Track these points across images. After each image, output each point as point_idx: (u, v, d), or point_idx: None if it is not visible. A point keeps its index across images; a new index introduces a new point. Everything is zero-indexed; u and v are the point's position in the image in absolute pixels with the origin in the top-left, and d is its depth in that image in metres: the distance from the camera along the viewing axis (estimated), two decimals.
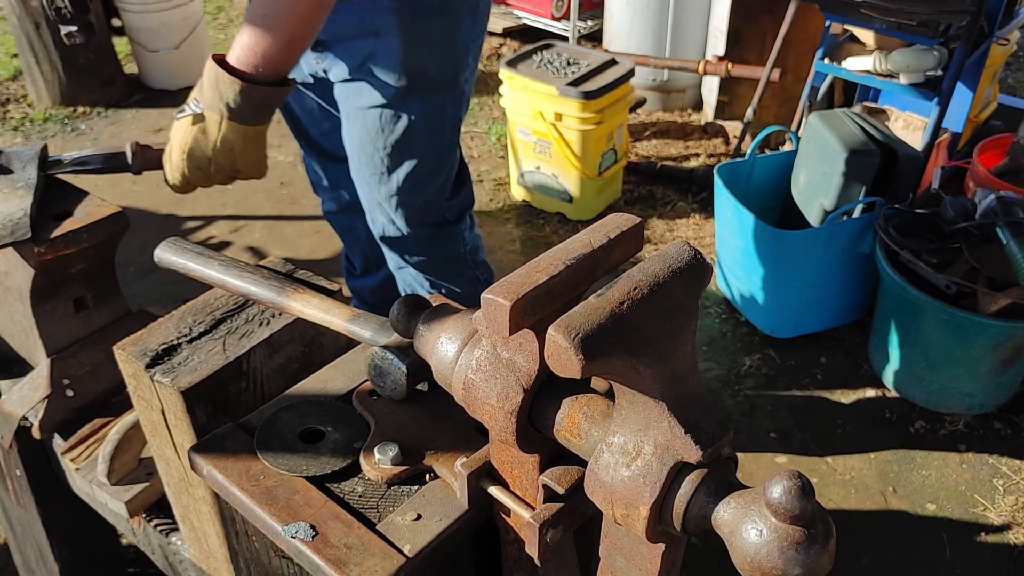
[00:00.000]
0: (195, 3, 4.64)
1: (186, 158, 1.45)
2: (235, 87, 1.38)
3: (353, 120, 1.83)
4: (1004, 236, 2.48)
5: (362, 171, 1.89)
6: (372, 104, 1.77)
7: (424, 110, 1.79)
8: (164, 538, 1.40)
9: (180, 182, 1.50)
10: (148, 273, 3.33)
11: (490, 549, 0.95)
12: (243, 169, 1.49)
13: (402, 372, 0.94)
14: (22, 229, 1.35)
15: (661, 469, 0.68)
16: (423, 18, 1.69)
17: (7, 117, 4.55)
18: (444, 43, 1.75)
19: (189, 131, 1.44)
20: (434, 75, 1.76)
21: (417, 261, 2.00)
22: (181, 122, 1.45)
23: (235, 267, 1.12)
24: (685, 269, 0.71)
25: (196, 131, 1.43)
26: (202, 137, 1.43)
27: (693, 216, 3.67)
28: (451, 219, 1.99)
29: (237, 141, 1.43)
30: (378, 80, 1.74)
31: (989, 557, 2.32)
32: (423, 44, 1.71)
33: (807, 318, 2.96)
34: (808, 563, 0.62)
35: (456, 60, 1.79)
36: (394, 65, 1.71)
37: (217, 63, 1.39)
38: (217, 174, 1.48)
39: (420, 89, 1.76)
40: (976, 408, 2.69)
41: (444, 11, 1.71)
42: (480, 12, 1.81)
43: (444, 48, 1.75)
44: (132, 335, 1.12)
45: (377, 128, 1.80)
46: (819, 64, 3.21)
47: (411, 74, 1.73)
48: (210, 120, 1.42)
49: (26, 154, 1.53)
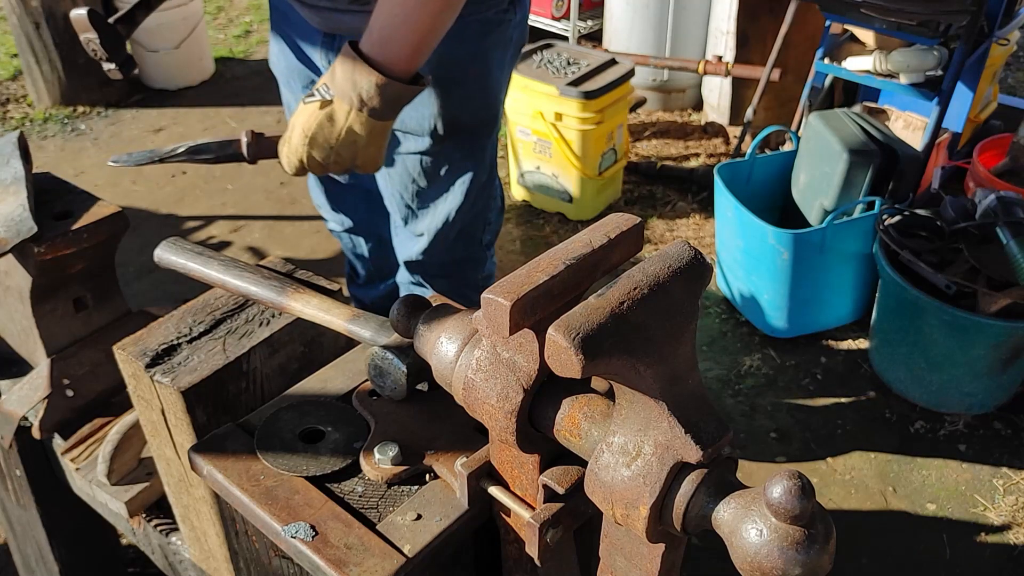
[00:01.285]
0: (195, 3, 4.64)
1: (308, 143, 1.40)
2: (371, 79, 1.33)
3: (390, 164, 1.80)
4: (1004, 236, 2.48)
5: (399, 209, 1.86)
6: (410, 151, 1.74)
7: (463, 154, 1.76)
8: (164, 538, 1.40)
9: (296, 167, 1.45)
10: (148, 273, 3.33)
11: (490, 549, 0.95)
12: (363, 164, 1.43)
13: (402, 372, 0.94)
14: (27, 226, 1.34)
15: (661, 469, 0.68)
16: (457, 68, 1.65)
17: (7, 117, 4.55)
18: (480, 90, 1.71)
19: (315, 116, 1.38)
20: (472, 121, 1.74)
21: (436, 284, 1.96)
22: (308, 106, 1.39)
23: (235, 267, 1.12)
24: (685, 269, 0.71)
25: (323, 117, 1.37)
26: (328, 125, 1.38)
27: (693, 216, 3.67)
28: (484, 245, 1.96)
29: (363, 134, 1.38)
30: (415, 129, 1.71)
31: (989, 557, 2.32)
32: (458, 93, 1.68)
33: (807, 318, 2.96)
34: (808, 563, 0.62)
35: (493, 102, 1.76)
36: (430, 116, 1.68)
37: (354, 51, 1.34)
38: (335, 164, 1.43)
39: (459, 135, 1.73)
40: (976, 408, 2.69)
41: (477, 58, 1.67)
42: (514, 45, 1.77)
43: (481, 94, 1.72)
44: (132, 335, 1.12)
45: (418, 172, 1.77)
46: (819, 64, 3.21)
47: (448, 122, 1.69)
48: (339, 109, 1.36)
49: (5, 147, 1.51)
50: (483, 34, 1.66)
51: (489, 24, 1.65)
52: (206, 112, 4.57)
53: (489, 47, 1.68)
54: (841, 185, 2.82)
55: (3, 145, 1.51)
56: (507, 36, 1.71)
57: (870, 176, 2.80)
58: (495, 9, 1.65)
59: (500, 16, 1.66)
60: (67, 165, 4.11)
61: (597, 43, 4.75)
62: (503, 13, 1.67)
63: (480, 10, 1.61)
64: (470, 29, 1.61)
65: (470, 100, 1.71)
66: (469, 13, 1.53)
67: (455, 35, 1.55)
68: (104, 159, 4.18)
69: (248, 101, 4.67)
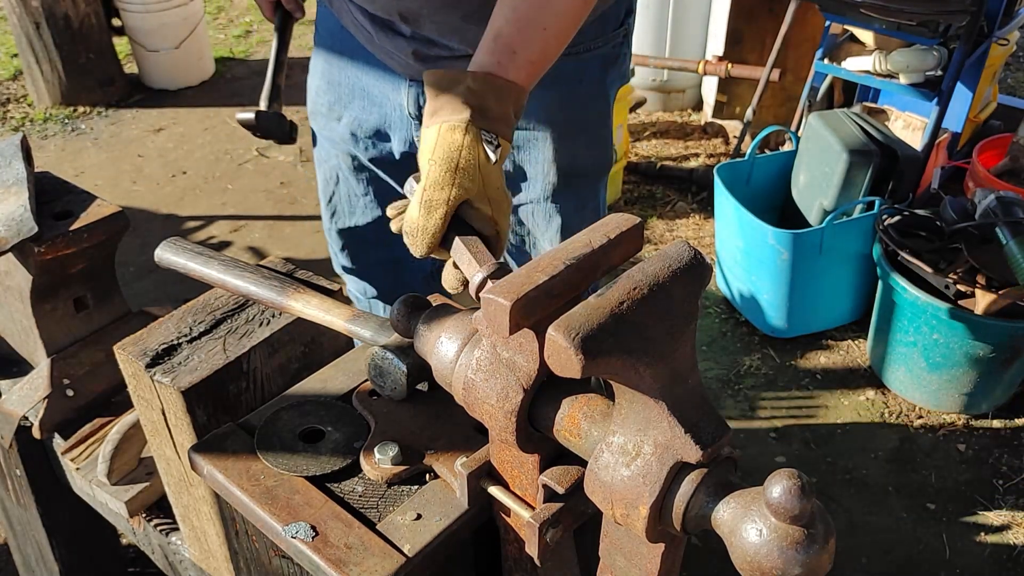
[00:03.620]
0: (195, 3, 4.64)
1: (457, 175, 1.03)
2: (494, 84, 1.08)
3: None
4: (1004, 236, 2.48)
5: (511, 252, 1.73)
6: (522, 202, 1.59)
7: (576, 203, 1.60)
8: (164, 538, 1.40)
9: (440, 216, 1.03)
10: (148, 273, 3.33)
11: (490, 549, 0.95)
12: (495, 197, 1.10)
13: (402, 372, 0.94)
14: (27, 225, 1.34)
15: (661, 469, 0.68)
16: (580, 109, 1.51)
17: (7, 117, 4.55)
18: (599, 132, 1.57)
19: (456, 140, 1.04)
20: (587, 167, 1.59)
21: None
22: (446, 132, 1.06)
23: (235, 267, 1.12)
24: (685, 269, 0.71)
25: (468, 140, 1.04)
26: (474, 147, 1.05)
27: (693, 216, 3.67)
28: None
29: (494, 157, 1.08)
30: (526, 176, 1.56)
31: (989, 557, 2.32)
32: (582, 138, 1.53)
33: (807, 318, 2.96)
34: (808, 563, 0.62)
35: (609, 142, 1.61)
36: (544, 160, 1.53)
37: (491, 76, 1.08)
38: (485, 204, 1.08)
39: (573, 182, 1.57)
40: (976, 408, 2.69)
41: (599, 98, 1.53)
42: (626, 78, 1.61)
43: (599, 136, 1.58)
44: (132, 335, 1.12)
45: (532, 223, 1.61)
46: (819, 64, 3.21)
47: (563, 169, 1.54)
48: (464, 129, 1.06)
49: (7, 149, 1.51)
50: (604, 70, 1.52)
51: (608, 60, 1.52)
52: (206, 112, 4.57)
53: (609, 85, 1.55)
54: (841, 185, 2.82)
55: (6, 147, 1.52)
56: (623, 71, 1.58)
57: (870, 176, 2.80)
58: (613, 43, 1.52)
59: (618, 50, 1.54)
60: (67, 165, 4.11)
61: None
62: (619, 47, 1.54)
63: (599, 45, 1.49)
64: (591, 66, 1.49)
65: (593, 143, 1.57)
66: (588, 49, 1.45)
67: (575, 74, 1.45)
68: (104, 159, 4.18)
69: (248, 101, 4.66)
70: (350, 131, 1.64)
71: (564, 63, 1.37)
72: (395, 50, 1.46)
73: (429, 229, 1.00)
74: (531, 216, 1.62)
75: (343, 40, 1.58)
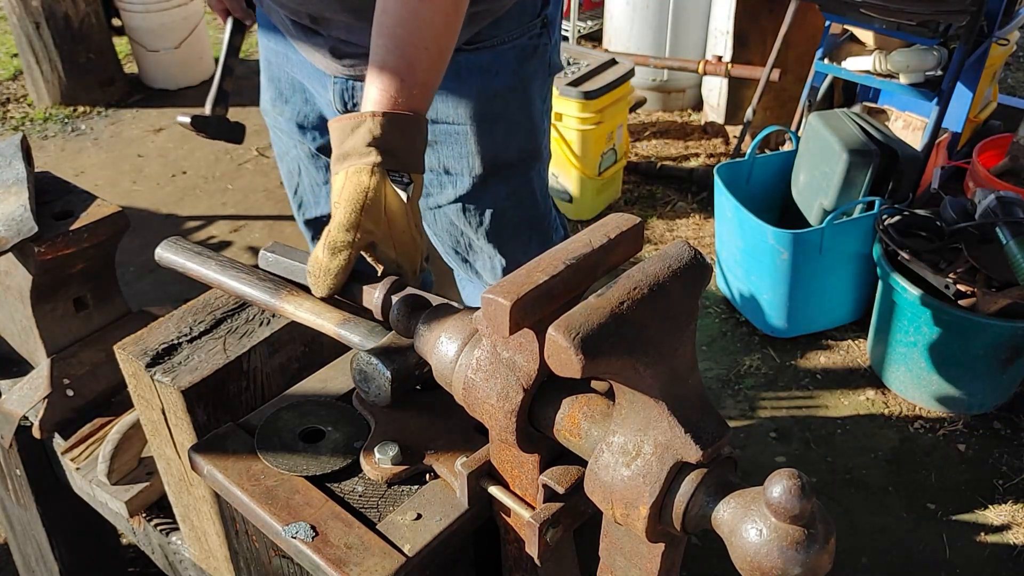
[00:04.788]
0: (195, 3, 4.64)
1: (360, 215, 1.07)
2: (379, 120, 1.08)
3: (432, 220, 1.66)
4: (1004, 236, 2.48)
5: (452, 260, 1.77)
6: (449, 200, 1.61)
7: (507, 192, 1.62)
8: (164, 538, 1.40)
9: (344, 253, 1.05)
10: (148, 273, 3.33)
11: (490, 549, 0.95)
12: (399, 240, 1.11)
13: (386, 378, 0.91)
14: (27, 225, 1.34)
15: (661, 469, 0.68)
16: (497, 101, 1.52)
17: (7, 117, 4.55)
18: (521, 121, 1.57)
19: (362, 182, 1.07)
20: (513, 156, 1.59)
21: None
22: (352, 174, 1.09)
23: (232, 268, 1.12)
24: (685, 269, 0.71)
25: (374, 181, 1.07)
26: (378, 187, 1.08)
27: (693, 216, 3.67)
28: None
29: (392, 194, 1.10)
30: (450, 172, 1.57)
31: (989, 557, 2.32)
32: (501, 128, 1.55)
33: (807, 318, 2.96)
34: (808, 563, 0.62)
35: (535, 131, 1.61)
36: (468, 154, 1.54)
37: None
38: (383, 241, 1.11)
39: (502, 172, 1.59)
40: (976, 408, 2.69)
41: (517, 89, 1.54)
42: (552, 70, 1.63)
43: (521, 127, 1.58)
44: (132, 335, 1.12)
45: (463, 222, 1.63)
46: (819, 64, 3.21)
47: (487, 160, 1.55)
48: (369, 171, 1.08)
49: (7, 149, 1.51)
50: (520, 62, 1.55)
51: (525, 51, 1.55)
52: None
53: (531, 75, 1.57)
54: (841, 185, 2.82)
55: (6, 147, 1.52)
56: (545, 62, 1.60)
57: (870, 176, 2.80)
58: (530, 34, 1.55)
59: (535, 41, 1.56)
60: (67, 165, 4.11)
61: (597, 43, 4.75)
62: (537, 38, 1.56)
63: (515, 36, 1.51)
64: (507, 58, 1.52)
65: (514, 132, 1.58)
66: (503, 42, 1.47)
67: (491, 66, 1.47)
68: (104, 159, 4.18)
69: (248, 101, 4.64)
70: (296, 123, 1.71)
71: (479, 56, 1.47)
72: (315, 48, 1.50)
73: (332, 271, 1.02)
74: (461, 214, 1.63)
75: (277, 39, 1.64)
